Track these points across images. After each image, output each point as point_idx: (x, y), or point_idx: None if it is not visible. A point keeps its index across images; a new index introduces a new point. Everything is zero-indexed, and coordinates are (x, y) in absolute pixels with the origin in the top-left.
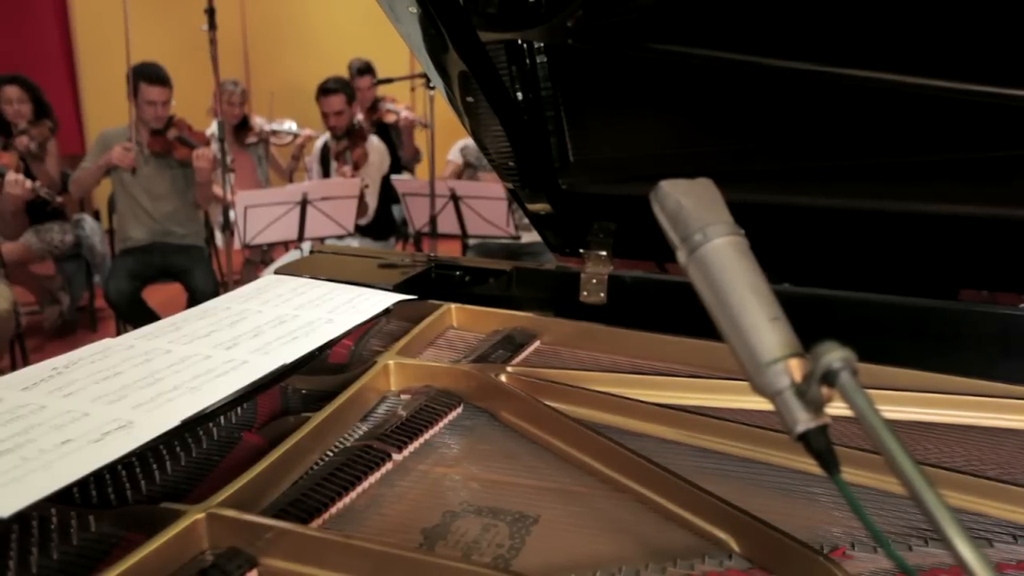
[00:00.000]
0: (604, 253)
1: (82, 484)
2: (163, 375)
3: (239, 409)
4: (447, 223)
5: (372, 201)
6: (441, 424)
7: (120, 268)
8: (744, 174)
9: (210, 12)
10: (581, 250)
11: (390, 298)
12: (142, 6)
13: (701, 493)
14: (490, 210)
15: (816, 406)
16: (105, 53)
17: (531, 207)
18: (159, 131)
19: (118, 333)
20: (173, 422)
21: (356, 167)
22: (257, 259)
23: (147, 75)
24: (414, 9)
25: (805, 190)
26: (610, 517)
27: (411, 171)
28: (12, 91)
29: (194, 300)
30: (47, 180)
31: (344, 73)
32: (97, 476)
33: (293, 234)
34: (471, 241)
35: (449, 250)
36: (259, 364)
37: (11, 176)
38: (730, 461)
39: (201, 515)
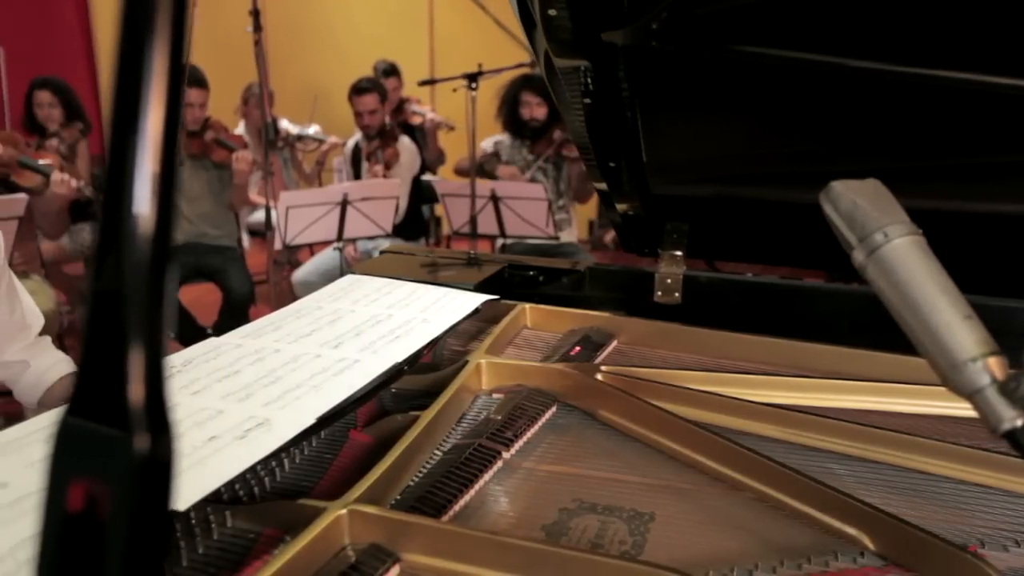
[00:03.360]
0: (679, 253)
1: None
2: (281, 374)
3: None
4: (484, 223)
5: (403, 201)
6: (540, 423)
7: None
8: (820, 175)
9: (255, 13)
10: (659, 250)
11: (477, 298)
12: None
13: (829, 490)
14: (530, 211)
15: None
16: None
17: (620, 207)
18: (195, 133)
19: None
20: (309, 419)
21: (388, 167)
22: (284, 260)
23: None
24: (553, 11)
25: None
26: (727, 514)
27: (434, 172)
28: (43, 95)
29: (229, 300)
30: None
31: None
32: None
33: (332, 235)
34: (508, 241)
35: (482, 249)
36: (371, 363)
37: (57, 176)
38: (836, 459)
39: (343, 511)
